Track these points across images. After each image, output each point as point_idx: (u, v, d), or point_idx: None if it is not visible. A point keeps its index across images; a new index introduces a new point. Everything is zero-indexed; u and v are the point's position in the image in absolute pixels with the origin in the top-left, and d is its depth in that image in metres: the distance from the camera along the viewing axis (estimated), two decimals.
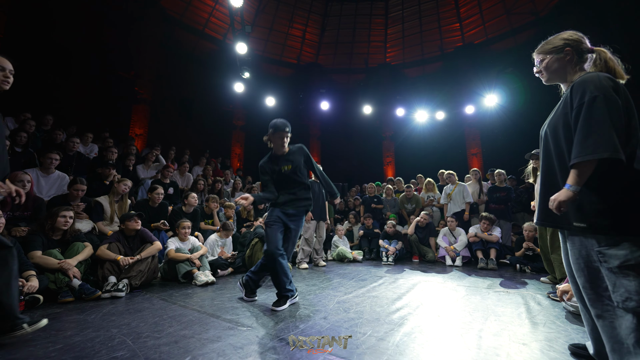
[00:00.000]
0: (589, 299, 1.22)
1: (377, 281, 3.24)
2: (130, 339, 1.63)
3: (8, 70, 1.74)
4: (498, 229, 4.44)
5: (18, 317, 1.60)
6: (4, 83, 1.73)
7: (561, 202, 1.19)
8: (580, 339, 1.64)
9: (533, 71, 1.55)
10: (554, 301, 2.41)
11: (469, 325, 1.86)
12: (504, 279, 3.33)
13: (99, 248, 2.76)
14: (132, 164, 4.91)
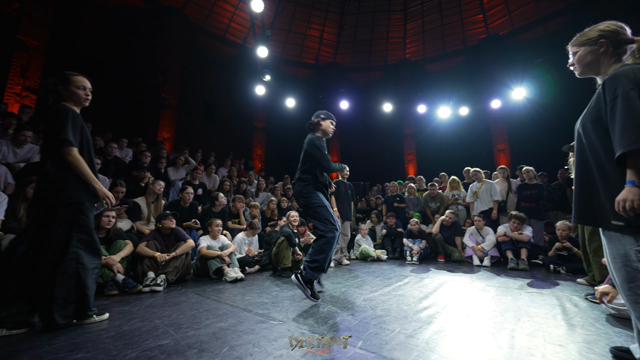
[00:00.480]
0: (627, 299, 1.18)
1: (403, 280, 3.23)
2: (172, 329, 1.76)
3: (88, 89, 1.98)
4: (529, 228, 4.26)
5: (91, 308, 1.87)
6: (85, 100, 1.98)
7: (633, 200, 1.07)
8: (624, 342, 1.57)
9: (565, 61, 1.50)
10: (593, 303, 2.30)
11: (501, 325, 1.83)
12: (537, 280, 3.21)
13: (139, 245, 2.96)
14: (163, 167, 5.19)
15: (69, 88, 1.90)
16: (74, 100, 1.94)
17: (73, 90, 1.91)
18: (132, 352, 1.46)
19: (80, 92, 1.94)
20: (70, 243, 1.82)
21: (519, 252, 4.02)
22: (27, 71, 7.37)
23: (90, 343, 1.57)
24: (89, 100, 1.99)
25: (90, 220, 1.91)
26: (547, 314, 2.04)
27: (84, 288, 1.81)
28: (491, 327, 1.80)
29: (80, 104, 1.97)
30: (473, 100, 11.35)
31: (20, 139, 3.78)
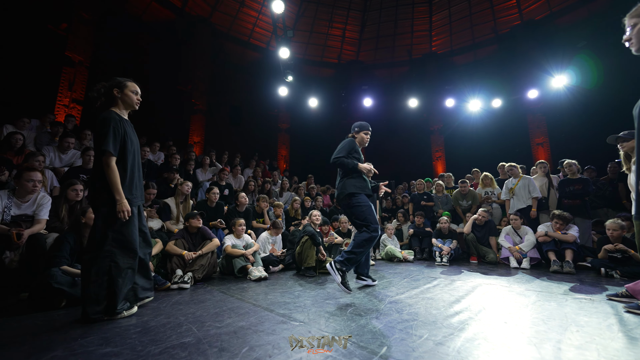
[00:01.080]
0: None
1: (431, 282, 3.06)
2: (195, 327, 1.77)
3: (139, 94, 2.18)
4: (575, 227, 3.86)
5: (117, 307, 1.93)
6: (137, 104, 2.17)
7: None
8: None
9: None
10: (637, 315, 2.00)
11: (544, 334, 1.64)
12: (585, 285, 2.89)
13: (168, 244, 3.07)
14: (192, 169, 5.39)
15: (124, 91, 2.07)
16: (125, 103, 2.10)
17: (127, 93, 2.08)
18: (156, 349, 1.48)
19: (133, 96, 2.11)
20: (105, 242, 1.92)
21: (563, 254, 3.65)
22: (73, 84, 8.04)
23: (118, 338, 1.62)
24: (138, 104, 2.17)
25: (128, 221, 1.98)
26: (600, 324, 1.80)
27: (114, 286, 1.89)
28: (532, 336, 1.62)
29: (132, 107, 2.14)
30: (507, 92, 10.65)
31: (64, 145, 4.10)
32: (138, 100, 2.15)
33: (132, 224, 2.00)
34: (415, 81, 13.34)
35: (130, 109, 2.16)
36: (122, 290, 1.92)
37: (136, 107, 2.16)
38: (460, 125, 11.91)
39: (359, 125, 2.94)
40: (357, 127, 2.95)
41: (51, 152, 4.03)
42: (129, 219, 1.97)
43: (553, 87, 8.86)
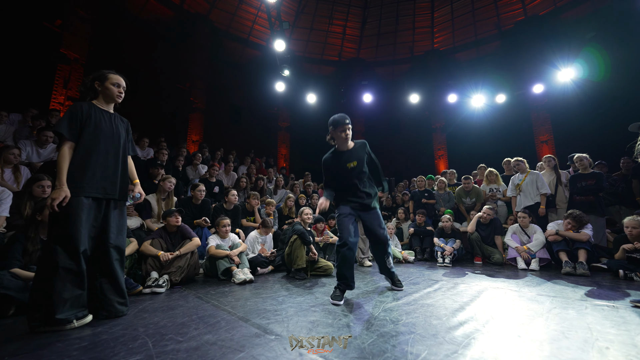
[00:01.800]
0: None
1: (432, 286, 2.77)
2: (152, 341, 1.51)
3: (122, 87, 2.07)
4: (589, 225, 3.55)
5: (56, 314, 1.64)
6: (118, 97, 2.06)
7: None
8: None
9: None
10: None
11: (568, 352, 1.36)
12: (602, 289, 2.59)
13: (143, 244, 2.82)
14: (181, 165, 5.14)
15: (104, 84, 2.00)
16: (106, 96, 2.02)
17: (107, 86, 2.00)
18: None
19: (114, 88, 2.02)
20: (50, 238, 1.68)
21: (576, 254, 3.35)
22: (69, 82, 7.84)
23: (54, 356, 1.36)
24: (121, 97, 2.07)
25: (71, 214, 1.73)
26: (633, 339, 1.51)
27: (50, 290, 1.63)
28: (554, 355, 1.34)
29: (113, 100, 2.05)
30: (510, 87, 10.35)
31: (42, 139, 3.87)
32: (119, 93, 2.05)
33: (75, 217, 1.74)
34: (417, 79, 13.07)
35: (112, 102, 2.07)
36: (60, 294, 1.65)
37: (117, 99, 2.06)
38: (462, 123, 11.62)
39: (332, 120, 2.41)
40: (330, 122, 2.43)
41: (28, 146, 3.80)
42: (74, 212, 1.74)
43: (559, 80, 8.52)
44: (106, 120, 1.99)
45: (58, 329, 1.64)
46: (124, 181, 2.04)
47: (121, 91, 2.06)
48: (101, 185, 1.90)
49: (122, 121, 2.12)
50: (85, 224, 1.78)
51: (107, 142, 1.96)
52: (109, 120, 2.01)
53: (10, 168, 3.23)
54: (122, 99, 2.09)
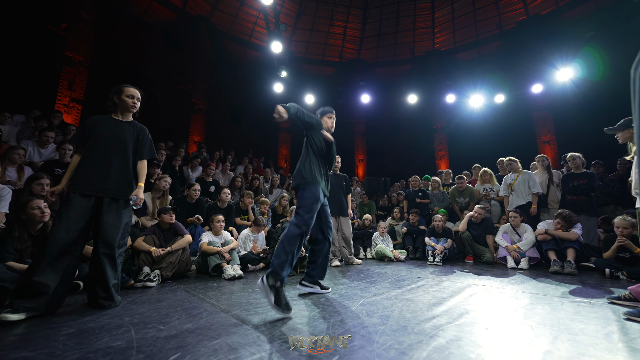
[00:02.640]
0: None
1: (417, 283, 2.82)
2: (135, 329, 1.59)
3: (136, 98, 2.26)
4: (579, 225, 3.57)
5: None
6: (133, 108, 2.26)
7: None
8: None
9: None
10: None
11: (530, 344, 1.41)
12: (586, 287, 2.62)
13: (137, 240, 2.91)
14: (178, 165, 5.25)
15: (121, 97, 2.21)
16: (122, 107, 2.23)
17: (123, 98, 2.21)
18: (77, 353, 1.30)
19: (129, 100, 2.22)
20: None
21: (565, 253, 3.37)
22: (73, 84, 8.02)
23: (43, 340, 1.44)
24: (135, 107, 2.28)
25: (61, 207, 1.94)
26: (597, 332, 1.55)
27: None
28: (516, 345, 1.39)
29: (128, 111, 2.26)
30: (510, 87, 10.31)
31: (43, 140, 4.00)
32: (134, 104, 2.24)
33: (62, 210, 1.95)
34: (417, 79, 13.09)
35: (128, 112, 2.27)
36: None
37: (132, 110, 2.26)
38: (463, 123, 11.59)
39: (320, 110, 2.67)
40: (319, 112, 2.66)
41: (30, 146, 3.93)
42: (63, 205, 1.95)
43: (558, 80, 8.49)
44: (112, 126, 2.16)
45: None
46: (120, 181, 2.12)
47: (135, 102, 2.25)
48: (92, 183, 2.02)
49: (134, 127, 2.27)
50: (71, 217, 1.92)
51: (107, 145, 2.10)
52: (116, 126, 2.18)
53: (15, 167, 3.36)
54: (137, 109, 2.29)
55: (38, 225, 2.33)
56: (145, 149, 2.30)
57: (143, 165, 2.29)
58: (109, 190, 2.07)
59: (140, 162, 2.27)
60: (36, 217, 2.30)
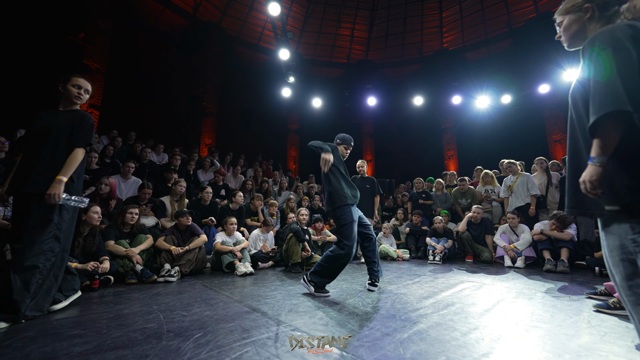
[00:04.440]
0: (628, 300, 0.96)
1: (414, 279, 3.04)
2: (163, 315, 1.88)
3: (84, 90, 2.07)
4: (573, 225, 3.70)
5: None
6: (77, 98, 2.05)
7: (591, 181, 0.98)
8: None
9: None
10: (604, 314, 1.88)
11: (496, 330, 1.62)
12: (573, 284, 2.78)
13: (158, 240, 3.23)
14: (192, 169, 5.60)
15: (66, 86, 2.01)
16: (65, 97, 2.03)
17: (68, 87, 2.01)
18: (118, 332, 1.60)
19: (73, 90, 2.01)
20: None
21: (559, 253, 3.51)
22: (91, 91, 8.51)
23: (89, 323, 1.75)
24: (80, 99, 2.06)
25: None
26: (564, 321, 1.75)
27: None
28: (483, 331, 1.60)
29: (71, 102, 2.04)
30: (520, 87, 10.28)
31: None
32: (78, 94, 2.03)
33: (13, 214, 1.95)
34: (426, 79, 13.14)
35: (71, 104, 2.05)
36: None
37: (75, 100, 2.04)
38: (472, 122, 11.59)
39: (341, 137, 2.79)
40: (339, 139, 2.79)
41: None
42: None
43: (565, 81, 8.45)
44: (49, 119, 1.99)
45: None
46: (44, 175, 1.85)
47: (81, 92, 2.04)
48: (18, 182, 1.87)
49: (74, 115, 2.02)
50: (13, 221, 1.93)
51: (37, 139, 1.93)
52: (53, 117, 1.99)
53: None
54: (82, 100, 2.07)
55: (89, 227, 2.69)
56: (79, 136, 1.98)
57: (75, 155, 1.93)
58: (35, 186, 1.83)
59: (74, 151, 1.94)
60: (93, 220, 2.66)
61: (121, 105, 9.18)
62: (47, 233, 1.83)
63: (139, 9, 9.98)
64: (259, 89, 13.19)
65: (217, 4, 11.35)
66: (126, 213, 3.11)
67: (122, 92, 9.28)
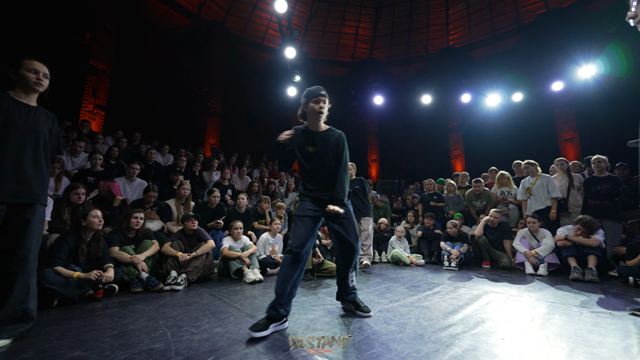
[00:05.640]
0: None
1: (433, 289, 2.87)
2: (171, 332, 1.73)
3: (42, 74, 1.81)
4: (601, 231, 3.50)
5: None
6: (36, 85, 1.79)
7: None
8: None
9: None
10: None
11: (546, 356, 1.45)
12: (608, 296, 2.59)
13: (164, 245, 3.10)
14: (198, 170, 5.46)
15: (19, 72, 1.75)
16: (22, 84, 1.77)
17: (22, 73, 1.75)
18: (123, 354, 1.45)
19: (31, 75, 1.76)
20: None
21: (586, 260, 3.32)
22: (97, 91, 8.44)
23: (92, 341, 1.61)
24: (40, 85, 1.81)
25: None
26: (615, 345, 1.57)
27: None
28: (531, 357, 1.43)
29: (30, 88, 1.78)
30: (530, 85, 10.03)
31: (74, 149, 4.27)
32: (37, 80, 1.78)
33: None
34: (432, 77, 12.94)
35: (33, 93, 1.81)
36: None
37: (35, 87, 1.79)
38: (480, 121, 11.37)
39: (304, 93, 2.11)
40: (304, 96, 2.10)
41: (63, 155, 4.20)
42: None
43: (580, 77, 8.20)
44: (22, 113, 1.74)
45: None
46: (42, 184, 1.78)
47: (40, 78, 1.79)
48: (11, 189, 1.66)
49: (46, 117, 1.86)
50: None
51: (22, 139, 1.71)
52: (26, 113, 1.76)
53: (53, 177, 3.62)
54: (43, 87, 1.83)
55: (91, 232, 2.56)
56: (55, 145, 1.92)
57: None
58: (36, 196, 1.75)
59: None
60: (94, 224, 2.52)
61: (126, 105, 9.10)
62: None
63: (144, 9, 9.90)
64: (263, 88, 13.09)
65: (221, 3, 11.24)
66: (131, 218, 2.98)
67: (127, 92, 9.21)
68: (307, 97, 2.07)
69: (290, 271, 1.83)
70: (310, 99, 2.05)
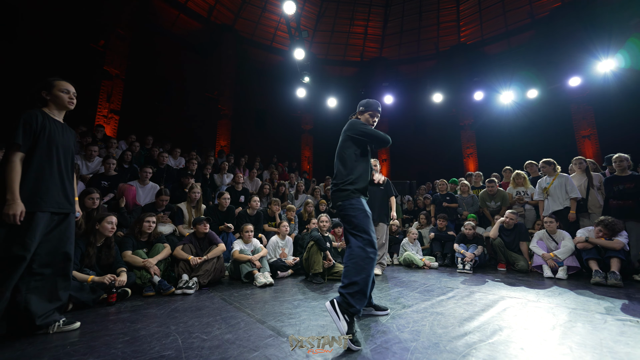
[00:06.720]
0: None
1: (447, 293, 2.79)
2: (182, 338, 1.74)
3: (72, 93, 2.01)
4: (624, 233, 3.33)
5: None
6: (69, 104, 2.00)
7: None
8: None
9: None
10: None
11: None
12: (634, 302, 2.46)
13: (175, 249, 3.13)
14: (209, 173, 5.52)
15: (52, 92, 1.93)
16: (56, 103, 1.95)
17: (56, 94, 1.93)
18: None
19: (64, 95, 1.95)
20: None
21: (609, 264, 3.16)
22: (111, 96, 8.66)
23: (104, 347, 1.63)
24: (73, 103, 2.00)
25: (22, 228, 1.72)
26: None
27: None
28: None
29: (64, 107, 1.98)
30: (545, 81, 9.71)
31: (89, 154, 4.38)
32: (70, 99, 1.98)
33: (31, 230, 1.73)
34: (443, 75, 12.73)
35: (64, 110, 2.00)
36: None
37: (69, 106, 1.99)
38: (493, 118, 11.09)
39: (364, 103, 2.25)
40: (362, 105, 2.25)
41: (78, 160, 4.31)
42: (30, 226, 1.73)
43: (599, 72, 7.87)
44: (59, 131, 1.93)
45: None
46: (73, 195, 2.00)
47: (72, 97, 1.99)
48: (55, 200, 1.86)
49: (71, 132, 2.05)
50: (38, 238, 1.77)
51: (60, 155, 1.92)
52: (62, 130, 1.95)
53: None
54: (74, 105, 2.01)
55: (102, 238, 2.62)
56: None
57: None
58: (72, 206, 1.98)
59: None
60: (106, 230, 2.58)
61: (139, 109, 9.31)
62: None
63: (156, 15, 10.11)
64: (273, 89, 13.17)
65: (230, 6, 11.36)
66: (143, 222, 3.02)
67: (139, 96, 9.42)
68: (365, 107, 2.24)
69: None
70: (368, 110, 2.23)
